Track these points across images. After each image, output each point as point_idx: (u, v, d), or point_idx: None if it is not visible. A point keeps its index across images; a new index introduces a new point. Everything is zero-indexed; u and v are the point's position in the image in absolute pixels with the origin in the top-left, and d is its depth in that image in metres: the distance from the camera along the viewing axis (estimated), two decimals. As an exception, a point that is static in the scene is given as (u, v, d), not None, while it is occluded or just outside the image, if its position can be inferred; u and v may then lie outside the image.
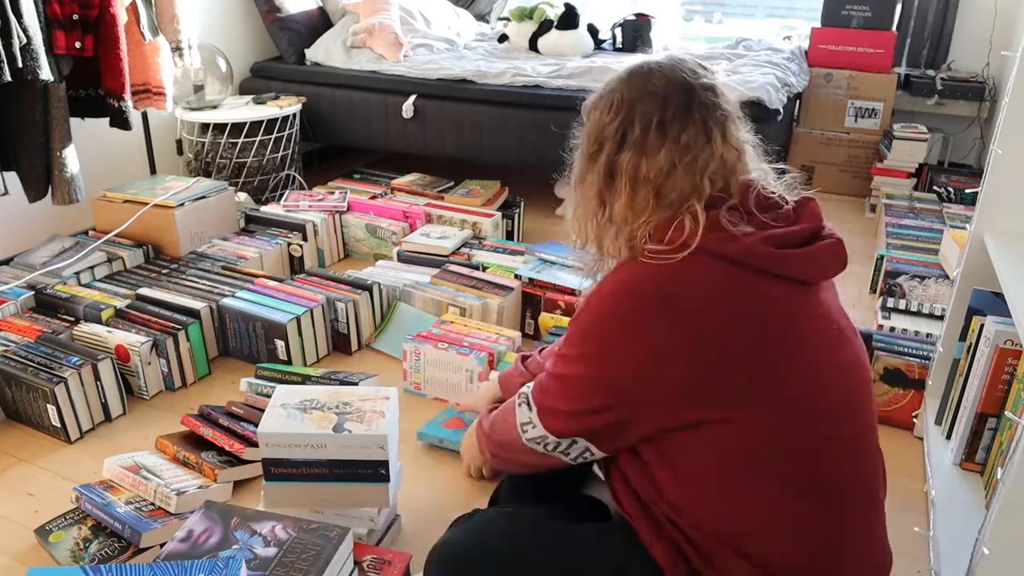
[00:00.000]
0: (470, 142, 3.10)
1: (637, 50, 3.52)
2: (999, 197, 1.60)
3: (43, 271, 2.29)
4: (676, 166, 1.03)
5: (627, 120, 1.05)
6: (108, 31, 2.25)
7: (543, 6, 3.61)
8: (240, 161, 3.00)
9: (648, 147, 1.04)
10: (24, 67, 2.02)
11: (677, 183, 1.03)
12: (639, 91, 1.06)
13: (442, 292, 2.24)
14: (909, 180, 3.22)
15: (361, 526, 1.42)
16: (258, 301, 2.13)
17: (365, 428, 1.33)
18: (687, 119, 1.03)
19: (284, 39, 3.39)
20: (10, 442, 1.82)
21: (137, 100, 2.43)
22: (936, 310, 2.16)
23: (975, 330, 1.58)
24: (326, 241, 2.71)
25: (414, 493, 1.63)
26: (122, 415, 1.91)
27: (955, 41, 3.58)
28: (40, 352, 1.86)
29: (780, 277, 1.01)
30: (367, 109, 3.23)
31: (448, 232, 2.61)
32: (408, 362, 1.98)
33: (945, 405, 1.72)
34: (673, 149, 1.03)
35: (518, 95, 2.99)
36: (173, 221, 2.45)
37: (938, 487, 1.54)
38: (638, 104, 1.05)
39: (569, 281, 2.23)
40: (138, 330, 2.00)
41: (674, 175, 1.03)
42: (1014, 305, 1.30)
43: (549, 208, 3.16)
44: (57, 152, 2.21)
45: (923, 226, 2.73)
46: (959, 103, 3.41)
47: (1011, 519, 1.07)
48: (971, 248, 1.66)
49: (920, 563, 1.47)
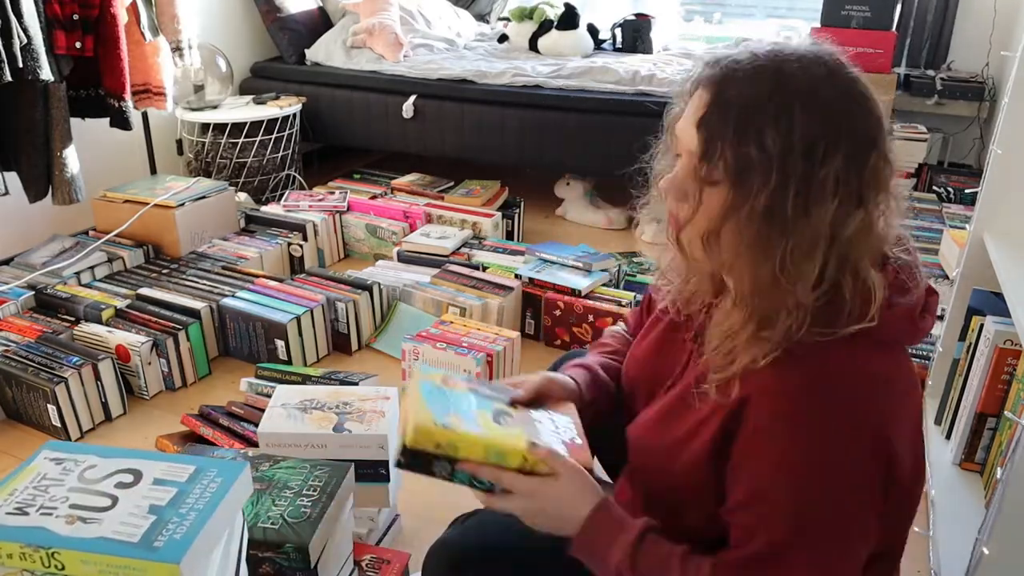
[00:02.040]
0: (470, 142, 3.10)
1: (637, 50, 3.51)
2: (999, 197, 1.60)
3: (43, 271, 2.29)
4: (873, 227, 0.80)
5: (837, 137, 0.77)
6: (108, 31, 2.25)
7: (543, 6, 3.61)
8: (240, 161, 3.00)
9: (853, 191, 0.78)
10: (24, 67, 2.02)
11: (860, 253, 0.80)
12: (847, 100, 0.79)
13: (442, 292, 2.24)
14: (909, 180, 3.22)
15: (361, 526, 1.42)
16: (258, 301, 2.13)
17: (365, 428, 1.33)
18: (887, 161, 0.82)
19: (284, 39, 3.39)
20: (10, 442, 1.82)
21: (137, 100, 2.43)
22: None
23: (975, 330, 1.58)
24: (326, 241, 2.71)
25: (414, 493, 1.63)
26: (122, 415, 1.91)
27: (955, 41, 3.58)
28: (40, 352, 1.86)
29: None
30: (367, 109, 3.23)
31: (448, 232, 2.61)
32: (407, 362, 1.98)
33: (945, 405, 1.72)
34: (875, 201, 0.80)
35: (518, 95, 2.99)
36: (173, 221, 2.45)
37: (938, 487, 1.54)
38: (847, 118, 0.78)
39: (569, 281, 2.24)
40: (138, 330, 2.00)
41: (867, 239, 0.80)
42: (1014, 305, 1.30)
43: (549, 208, 3.16)
44: (57, 152, 2.21)
45: (923, 226, 2.73)
46: (959, 103, 3.41)
47: (1011, 519, 1.07)
48: (971, 248, 1.66)
49: (920, 563, 1.47)
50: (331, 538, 1.18)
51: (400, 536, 1.53)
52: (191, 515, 0.86)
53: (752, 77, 0.78)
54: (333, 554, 1.19)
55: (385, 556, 1.32)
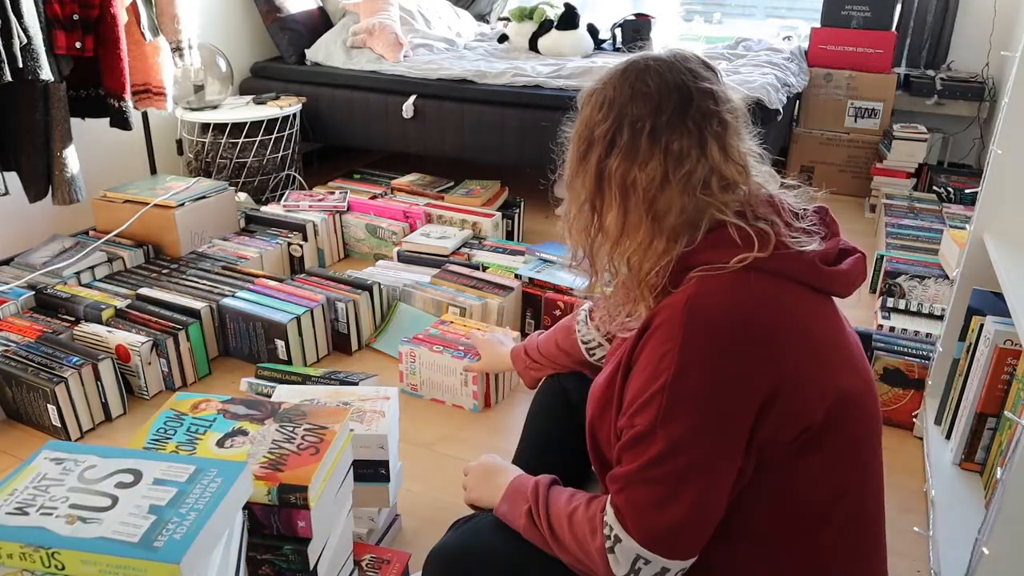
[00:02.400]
0: (470, 142, 3.10)
1: (637, 50, 3.51)
2: (999, 197, 1.60)
3: (43, 271, 2.29)
4: (669, 179, 0.93)
5: (617, 122, 0.95)
6: (108, 31, 2.25)
7: (543, 6, 3.61)
8: (240, 161, 3.00)
9: (638, 155, 0.94)
10: (24, 67, 2.02)
11: (673, 200, 0.93)
12: (631, 91, 0.95)
13: (442, 292, 2.24)
14: (909, 180, 3.22)
15: (361, 526, 1.42)
16: (258, 301, 2.13)
17: (365, 428, 1.33)
18: (681, 128, 0.93)
19: (284, 39, 3.39)
20: (10, 442, 1.82)
21: (137, 100, 2.43)
22: (936, 310, 2.16)
23: (975, 330, 1.58)
24: (326, 241, 2.71)
25: (414, 493, 1.64)
26: (122, 415, 1.91)
27: (955, 41, 3.58)
28: (40, 352, 1.86)
29: (819, 291, 0.96)
30: (367, 109, 3.23)
31: (448, 232, 2.61)
32: (404, 364, 1.98)
33: (945, 405, 1.72)
34: (665, 160, 0.93)
35: (518, 95, 2.99)
36: (173, 221, 2.45)
37: (938, 487, 1.54)
38: (630, 106, 0.95)
39: (569, 281, 2.24)
40: (138, 330, 2.00)
41: (668, 190, 0.93)
42: (1014, 305, 1.30)
43: (549, 208, 3.15)
44: (57, 152, 2.21)
45: (923, 226, 2.74)
46: (959, 103, 3.41)
47: (1011, 519, 1.07)
48: (971, 248, 1.66)
49: (920, 563, 1.47)
50: (331, 538, 1.18)
51: (400, 536, 1.53)
52: (191, 515, 0.86)
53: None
54: (333, 554, 1.19)
55: (385, 556, 1.32)
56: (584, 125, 1.00)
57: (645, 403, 0.90)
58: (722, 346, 0.88)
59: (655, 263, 0.95)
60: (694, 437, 0.88)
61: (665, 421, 0.88)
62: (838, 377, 0.93)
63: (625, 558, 0.90)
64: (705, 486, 0.89)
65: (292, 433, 1.15)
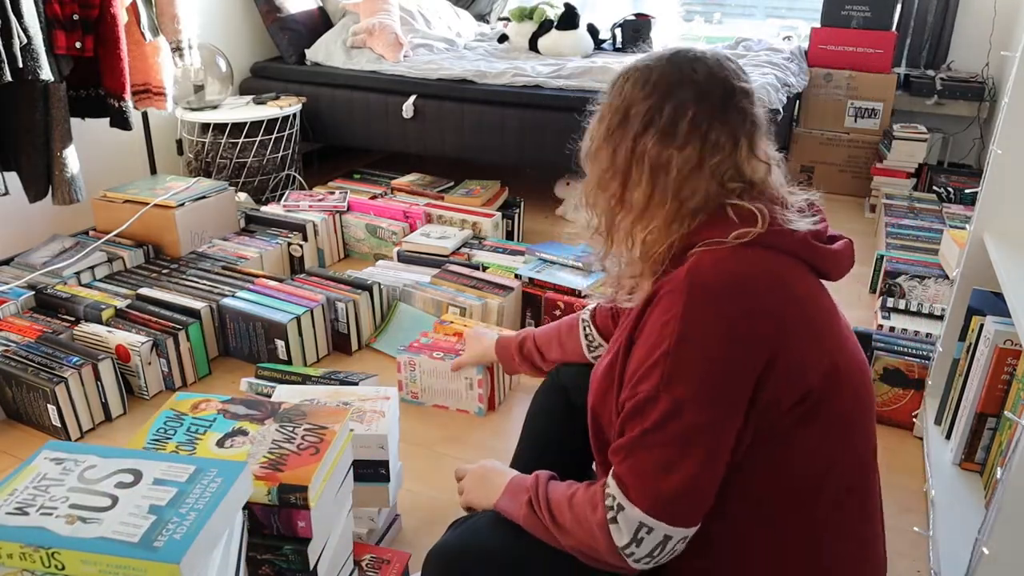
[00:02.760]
0: (470, 142, 3.10)
1: (637, 50, 3.52)
2: (999, 197, 1.60)
3: (43, 271, 2.29)
4: (702, 166, 0.96)
5: (661, 102, 0.97)
6: (108, 31, 2.25)
7: (543, 6, 3.61)
8: (240, 161, 3.00)
9: (676, 138, 0.96)
10: (24, 67, 2.02)
11: (699, 186, 0.96)
12: (681, 75, 0.97)
13: (442, 292, 2.24)
14: (909, 180, 3.22)
15: (361, 526, 1.42)
16: (258, 301, 2.13)
17: (365, 428, 1.33)
18: (722, 119, 0.96)
19: (284, 39, 3.39)
20: (10, 442, 1.82)
21: (137, 100, 2.43)
22: (936, 310, 2.16)
23: (975, 330, 1.58)
24: (326, 241, 2.71)
25: (414, 493, 1.64)
26: (122, 415, 1.91)
27: (955, 41, 3.58)
28: (40, 352, 1.86)
29: (812, 270, 1.00)
30: (367, 109, 3.23)
31: (448, 232, 2.61)
32: (403, 373, 1.96)
33: (945, 405, 1.72)
34: (702, 147, 0.96)
35: (518, 95, 2.99)
36: (173, 221, 2.45)
37: (938, 487, 1.54)
38: (677, 89, 0.97)
39: (569, 281, 2.24)
40: (138, 330, 2.00)
41: (698, 176, 0.96)
42: (1014, 305, 1.30)
43: (549, 208, 3.16)
44: (57, 152, 2.21)
45: (923, 226, 2.74)
46: (959, 103, 3.41)
47: (1011, 519, 1.07)
48: (971, 248, 1.66)
49: (920, 563, 1.47)
50: (331, 538, 1.18)
51: (400, 536, 1.53)
52: (191, 515, 0.86)
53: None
54: (333, 554, 1.19)
55: (385, 556, 1.32)
56: (622, 99, 1.01)
57: (649, 370, 0.92)
58: (723, 310, 0.90)
59: (666, 241, 0.99)
60: (698, 398, 0.89)
61: (669, 384, 0.90)
62: (831, 349, 0.96)
63: (628, 527, 0.91)
64: (709, 449, 0.90)
65: (292, 433, 1.15)
